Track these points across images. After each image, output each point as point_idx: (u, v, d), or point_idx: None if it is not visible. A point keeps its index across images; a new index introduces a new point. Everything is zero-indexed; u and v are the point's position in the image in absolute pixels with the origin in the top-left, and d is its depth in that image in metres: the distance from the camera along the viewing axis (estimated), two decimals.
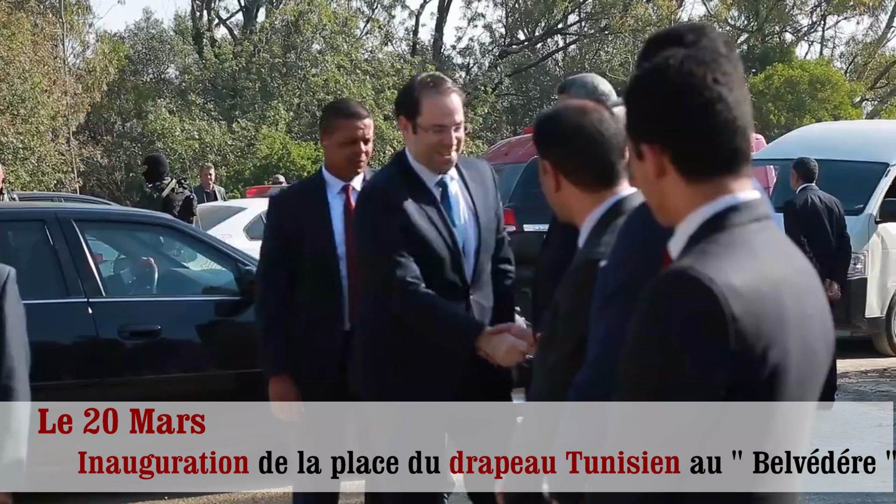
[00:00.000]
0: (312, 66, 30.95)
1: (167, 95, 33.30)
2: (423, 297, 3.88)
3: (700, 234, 1.88)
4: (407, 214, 3.96)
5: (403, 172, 4.08)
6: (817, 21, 43.03)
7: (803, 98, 33.37)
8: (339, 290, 4.49)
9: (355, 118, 4.60)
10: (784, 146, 14.04)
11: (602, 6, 38.47)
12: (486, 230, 4.15)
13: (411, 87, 4.10)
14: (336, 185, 4.62)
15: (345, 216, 4.54)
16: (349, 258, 4.47)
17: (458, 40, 51.81)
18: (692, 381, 1.75)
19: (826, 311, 1.94)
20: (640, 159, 1.95)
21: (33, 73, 23.86)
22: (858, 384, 10.68)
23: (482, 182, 4.23)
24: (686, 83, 1.88)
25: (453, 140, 4.00)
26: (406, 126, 4.05)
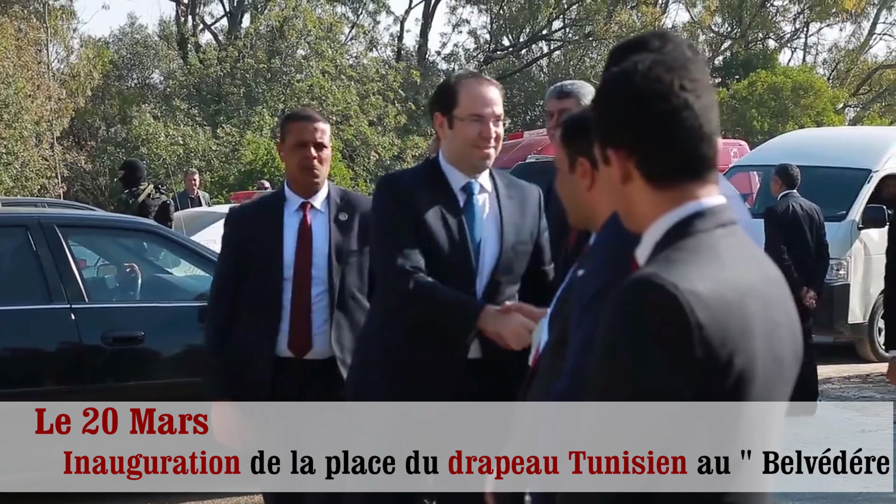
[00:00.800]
0: (297, 71, 30.92)
1: (152, 101, 33.23)
2: (422, 281, 3.66)
3: (666, 240, 1.88)
4: (420, 209, 3.72)
5: (430, 170, 3.84)
6: (800, 28, 43.20)
7: (786, 104, 33.47)
8: (278, 318, 4.23)
9: (306, 120, 4.37)
10: (767, 152, 14.08)
11: (586, 12, 38.58)
12: (511, 251, 3.81)
13: (447, 82, 3.87)
14: (294, 202, 4.35)
15: (299, 236, 4.28)
16: (296, 282, 4.25)
17: (443, 46, 51.79)
18: (657, 389, 1.74)
19: (794, 320, 1.94)
20: (607, 164, 1.95)
21: (17, 78, 23.81)
22: (842, 390, 10.71)
23: (522, 203, 3.90)
24: (653, 88, 1.88)
25: (492, 132, 3.73)
26: (442, 123, 3.79)
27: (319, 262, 4.26)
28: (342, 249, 4.27)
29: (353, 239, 4.31)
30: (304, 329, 4.25)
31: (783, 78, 34.50)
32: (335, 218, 4.32)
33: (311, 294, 4.25)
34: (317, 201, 4.34)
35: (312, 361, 4.26)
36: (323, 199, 4.35)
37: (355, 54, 34.11)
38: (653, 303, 1.75)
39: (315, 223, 4.31)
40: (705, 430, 1.78)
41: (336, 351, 4.24)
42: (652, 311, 1.75)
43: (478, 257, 3.76)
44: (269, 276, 4.23)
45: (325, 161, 4.35)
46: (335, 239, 4.28)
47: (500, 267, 3.78)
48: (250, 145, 27.68)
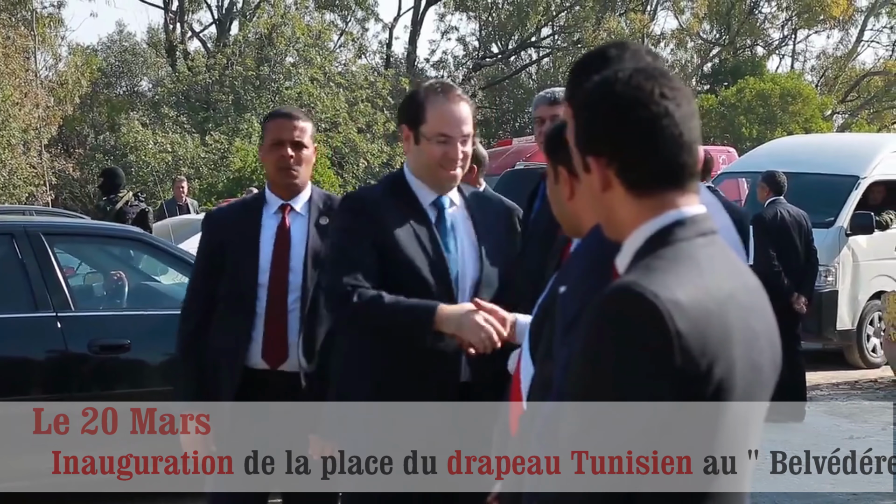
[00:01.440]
0: (286, 78, 30.90)
1: (140, 108, 33.16)
2: (367, 293, 3.44)
3: (646, 248, 1.88)
4: (389, 230, 3.52)
5: (396, 186, 3.64)
6: (788, 35, 43.32)
7: (775, 111, 33.55)
8: (251, 325, 4.04)
9: (284, 118, 4.16)
10: (755, 159, 14.11)
11: (575, 20, 38.64)
12: (490, 270, 3.65)
13: (416, 93, 3.65)
14: (274, 204, 4.16)
15: (276, 240, 4.09)
16: (271, 288, 4.05)
17: (432, 53, 51.87)
18: (637, 397, 1.74)
19: (773, 328, 1.94)
20: (587, 172, 1.96)
21: (4, 85, 23.74)
22: (830, 396, 10.72)
23: (496, 218, 3.78)
24: (633, 96, 1.89)
25: (459, 153, 3.55)
26: (408, 136, 3.60)
27: (297, 267, 4.08)
28: (319, 254, 4.05)
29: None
30: (279, 338, 4.05)
31: (771, 85, 34.58)
32: (316, 222, 4.12)
33: (286, 301, 4.06)
34: (297, 204, 4.15)
35: (285, 374, 4.06)
36: (304, 201, 4.16)
37: (344, 61, 34.11)
38: (633, 311, 1.75)
39: (294, 226, 4.13)
40: (684, 436, 1.78)
41: (302, 363, 4.03)
42: (632, 320, 1.75)
43: (458, 276, 3.59)
44: (244, 280, 4.05)
45: (304, 161, 4.13)
46: (313, 244, 4.08)
47: (482, 282, 3.62)
48: (239, 152, 27.64)
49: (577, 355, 1.83)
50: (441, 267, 3.55)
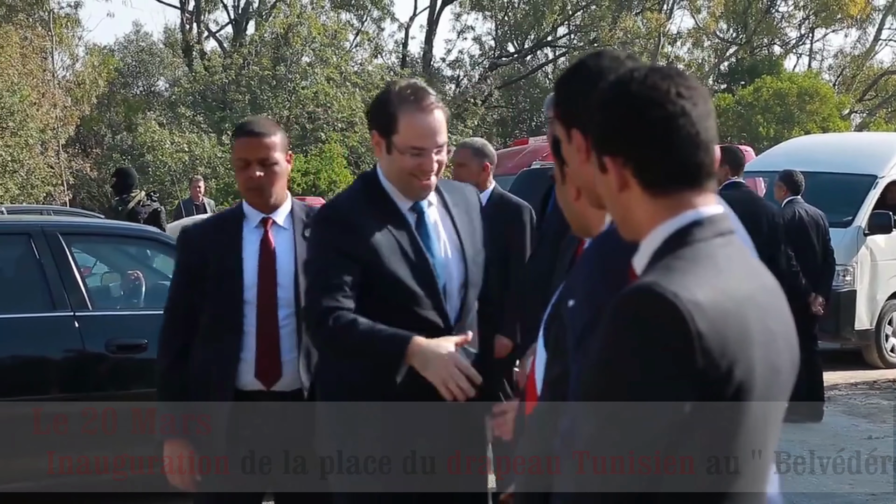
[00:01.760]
0: (302, 78, 30.95)
1: (157, 108, 33.28)
2: (344, 317, 3.32)
3: (664, 249, 1.88)
4: (370, 242, 3.38)
5: (371, 193, 3.50)
6: (805, 34, 43.19)
7: (792, 110, 33.46)
8: (240, 345, 3.84)
9: (249, 136, 3.89)
10: (773, 158, 14.07)
11: (591, 19, 38.61)
12: (474, 263, 3.57)
13: (387, 99, 3.46)
14: (254, 218, 3.95)
15: (260, 256, 3.89)
16: (260, 305, 3.84)
17: (448, 52, 51.91)
18: (657, 398, 1.74)
19: (791, 329, 1.93)
20: (604, 172, 1.95)
21: (22, 86, 23.83)
22: (849, 396, 10.68)
23: (467, 209, 3.65)
24: (649, 96, 1.88)
25: (433, 164, 3.43)
26: (379, 143, 3.47)
27: (285, 282, 3.88)
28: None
29: None
30: (272, 356, 3.85)
31: (789, 84, 34.49)
32: (301, 234, 3.92)
33: (277, 318, 3.86)
34: (279, 217, 3.97)
35: (280, 393, 3.88)
36: (286, 214, 3.98)
37: (360, 61, 34.15)
38: (653, 312, 1.75)
39: (278, 240, 3.94)
40: (704, 437, 1.77)
41: (304, 381, 3.87)
42: (652, 320, 1.75)
43: (444, 280, 3.47)
44: (228, 299, 3.85)
45: (276, 178, 3.91)
46: (301, 256, 3.85)
47: (469, 283, 3.54)
48: None
49: (595, 356, 1.82)
50: (426, 274, 3.43)
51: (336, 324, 3.30)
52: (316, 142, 29.12)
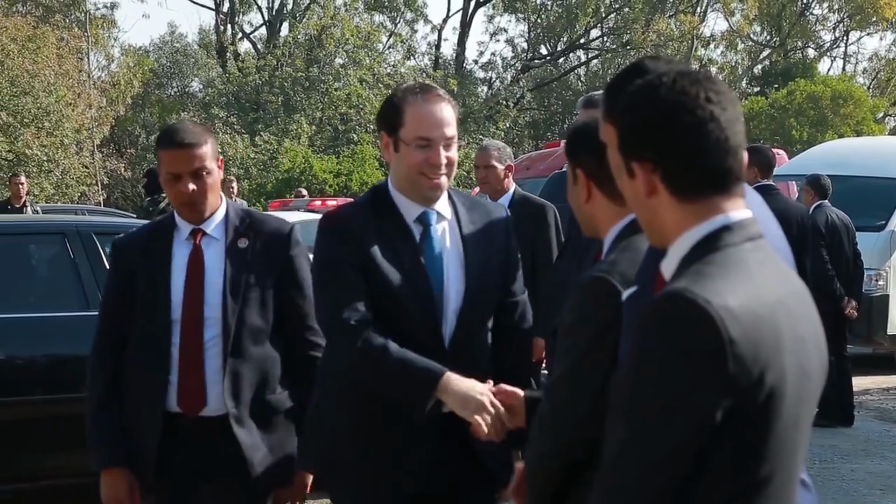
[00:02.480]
0: (335, 79, 31.06)
1: (191, 109, 33.49)
2: (372, 341, 3.08)
3: (693, 254, 1.87)
4: (367, 250, 3.17)
5: (377, 201, 3.29)
6: (840, 37, 42.95)
7: (826, 114, 33.27)
8: (166, 368, 3.54)
9: (177, 147, 3.53)
10: (806, 162, 13.99)
11: (624, 21, 38.54)
12: (479, 289, 3.26)
13: (393, 97, 3.29)
14: (184, 230, 3.63)
15: (188, 270, 3.58)
16: (184, 323, 3.54)
17: (481, 55, 52.03)
18: (689, 404, 1.74)
19: (820, 334, 1.93)
20: (632, 177, 1.94)
21: (58, 86, 24.03)
22: (881, 401, 10.61)
23: (488, 230, 3.36)
24: (678, 101, 1.88)
25: (442, 158, 3.19)
26: (388, 144, 3.26)
27: (212, 299, 3.56)
28: (239, 283, 3.57)
29: (254, 270, 3.61)
30: (195, 381, 3.54)
31: (822, 87, 34.30)
32: (232, 245, 3.61)
33: (202, 338, 3.55)
34: (210, 227, 3.62)
35: (207, 419, 3.56)
36: (219, 222, 3.63)
37: (393, 63, 34.23)
38: (685, 318, 1.74)
39: (209, 253, 3.61)
40: (735, 442, 1.77)
41: (229, 405, 3.54)
42: (684, 326, 1.74)
43: (441, 299, 3.22)
44: (155, 318, 3.56)
45: (210, 188, 3.58)
46: (231, 271, 3.58)
47: (467, 307, 3.24)
48: (288, 153, 27.83)
49: (626, 362, 1.82)
50: (422, 293, 3.19)
51: (366, 346, 3.08)
52: (348, 143, 29.22)
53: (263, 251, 3.61)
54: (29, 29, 24.50)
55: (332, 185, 26.14)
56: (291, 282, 3.64)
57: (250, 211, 3.78)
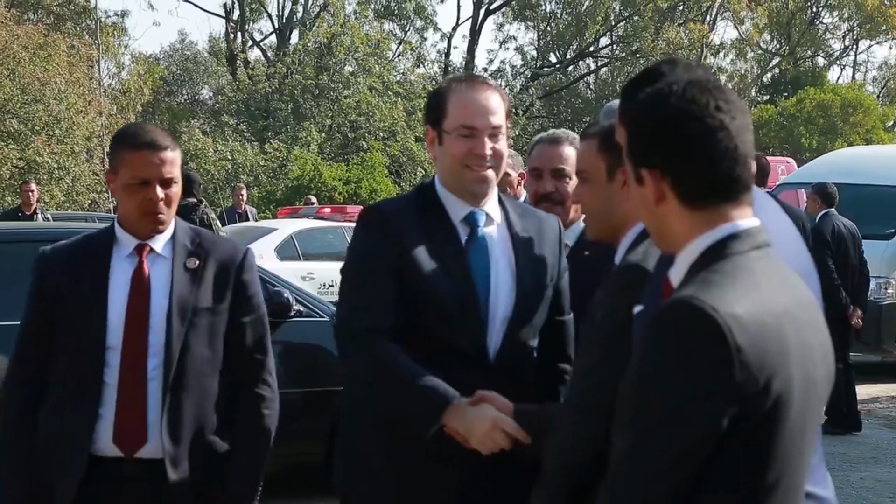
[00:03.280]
0: (345, 87, 31.13)
1: (201, 116, 33.59)
2: (381, 349, 2.85)
3: (701, 262, 1.88)
4: (406, 246, 2.93)
5: (423, 198, 3.07)
6: (850, 45, 42.94)
7: (835, 122, 33.26)
8: (98, 400, 3.08)
9: (147, 148, 3.12)
10: (815, 170, 13.99)
11: (634, 29, 38.56)
12: (531, 296, 3.02)
13: (439, 88, 3.11)
14: (127, 245, 3.18)
15: (132, 289, 3.14)
16: (125, 351, 3.10)
17: (490, 62, 51.81)
18: (695, 412, 1.75)
19: (827, 341, 1.93)
20: (640, 185, 1.95)
21: (69, 94, 24.10)
22: (890, 409, 10.60)
23: (541, 237, 3.11)
24: (688, 109, 1.89)
25: (487, 149, 2.96)
26: (432, 139, 3.06)
27: (158, 323, 3.13)
28: (187, 307, 3.15)
29: (204, 294, 3.19)
30: (135, 416, 3.10)
31: (832, 95, 34.29)
32: (183, 265, 3.20)
33: (146, 367, 3.11)
34: (158, 243, 3.20)
35: (147, 462, 3.11)
36: (167, 240, 3.22)
37: (402, 70, 34.31)
38: (692, 325, 1.75)
39: (155, 272, 3.19)
40: (741, 450, 1.78)
41: (166, 445, 3.10)
42: (691, 334, 1.75)
43: (487, 305, 2.97)
44: (88, 342, 3.11)
45: (173, 200, 3.18)
46: (180, 293, 3.16)
47: (516, 317, 2.99)
48: (297, 161, 27.89)
49: (633, 369, 1.82)
50: (467, 297, 2.94)
51: (371, 354, 2.86)
52: (358, 151, 29.27)
53: (215, 274, 3.21)
54: (40, 37, 24.59)
55: (341, 193, 26.19)
56: (243, 310, 3.24)
57: (200, 230, 3.34)
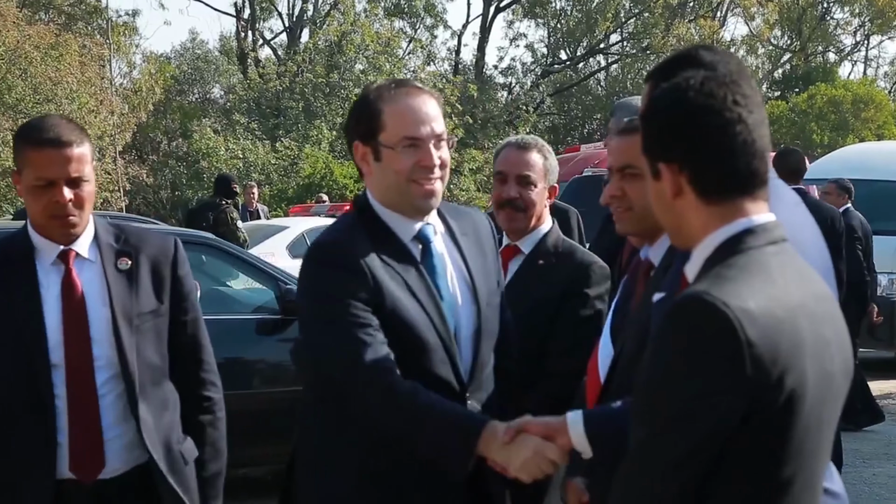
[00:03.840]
0: (355, 85, 31.11)
1: (212, 115, 33.62)
2: (400, 386, 2.64)
3: (716, 257, 1.88)
4: (377, 281, 2.70)
5: (366, 220, 2.80)
6: (861, 41, 42.81)
7: (846, 118, 33.18)
8: (52, 426, 2.82)
9: (52, 146, 2.82)
10: (827, 166, 13.94)
11: (644, 26, 38.49)
12: (489, 306, 2.87)
13: (365, 98, 2.81)
14: (48, 253, 2.89)
15: (63, 303, 2.86)
16: (70, 369, 2.83)
17: (500, 60, 51.93)
18: (707, 407, 1.75)
19: (844, 336, 1.93)
20: (657, 179, 1.95)
21: (80, 93, 24.16)
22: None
23: (477, 239, 2.94)
24: (707, 103, 1.89)
25: (434, 159, 2.75)
26: (365, 155, 2.78)
27: (100, 335, 2.87)
28: (131, 313, 2.90)
29: (144, 296, 2.95)
30: (90, 438, 2.86)
31: (843, 91, 34.21)
32: (114, 266, 2.93)
33: (94, 383, 2.86)
34: (82, 247, 2.92)
35: (112, 482, 2.90)
36: (90, 241, 2.94)
37: (413, 68, 34.27)
38: (703, 320, 1.75)
39: (86, 278, 2.91)
40: (755, 445, 1.78)
41: (152, 451, 2.92)
42: (702, 329, 1.76)
43: (456, 327, 2.79)
44: (25, 366, 2.82)
45: (86, 201, 2.88)
46: (119, 299, 2.90)
47: (482, 331, 2.84)
48: (309, 159, 27.90)
49: (647, 364, 1.83)
50: (439, 320, 2.75)
51: (396, 390, 2.64)
52: None
53: (150, 272, 2.97)
54: (52, 37, 24.65)
55: (352, 191, 26.19)
56: (183, 308, 3.03)
57: (120, 224, 3.07)
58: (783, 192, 2.44)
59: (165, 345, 3.00)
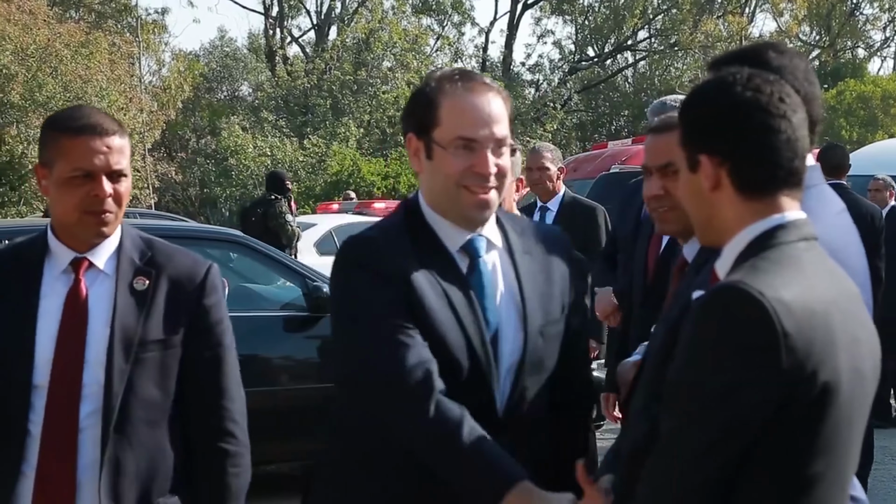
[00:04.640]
0: (383, 83, 31.17)
1: (240, 112, 33.72)
2: (444, 408, 2.35)
3: (748, 252, 1.89)
4: (412, 289, 2.43)
5: (412, 224, 2.54)
6: (890, 36, 42.50)
7: (876, 114, 32.96)
8: (20, 453, 2.49)
9: (90, 133, 2.52)
10: (857, 162, 13.84)
11: (672, 22, 38.36)
12: (540, 337, 2.54)
13: (425, 87, 2.53)
14: (62, 259, 2.59)
15: (64, 314, 2.55)
16: (53, 393, 2.50)
17: (528, 57, 51.87)
18: (740, 397, 1.75)
19: (873, 336, 1.93)
20: (694, 171, 1.96)
21: (110, 91, 24.29)
22: None
23: (545, 260, 2.61)
24: (754, 99, 1.90)
25: (490, 166, 2.45)
26: (417, 150, 2.52)
27: (95, 358, 2.53)
28: (133, 337, 2.55)
29: (154, 322, 2.59)
30: (63, 474, 2.50)
31: (873, 87, 33.98)
32: (129, 285, 2.60)
33: (78, 413, 2.51)
34: (99, 257, 2.60)
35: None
36: (111, 253, 2.62)
37: (440, 66, 34.29)
38: (739, 309, 1.76)
39: (95, 293, 2.59)
40: (786, 437, 1.78)
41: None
42: (738, 318, 1.76)
43: (496, 352, 2.48)
44: (6, 380, 2.51)
45: (123, 197, 2.58)
46: (124, 319, 2.56)
47: (526, 363, 2.51)
48: (336, 156, 27.96)
49: (681, 353, 1.83)
50: (478, 342, 2.46)
51: (441, 415, 2.35)
52: (396, 146, 29.30)
53: (169, 297, 2.62)
54: (82, 35, 24.79)
55: (379, 188, 26.24)
56: (203, 342, 2.65)
57: (153, 241, 2.71)
58: (829, 199, 2.43)
59: (173, 382, 2.61)
